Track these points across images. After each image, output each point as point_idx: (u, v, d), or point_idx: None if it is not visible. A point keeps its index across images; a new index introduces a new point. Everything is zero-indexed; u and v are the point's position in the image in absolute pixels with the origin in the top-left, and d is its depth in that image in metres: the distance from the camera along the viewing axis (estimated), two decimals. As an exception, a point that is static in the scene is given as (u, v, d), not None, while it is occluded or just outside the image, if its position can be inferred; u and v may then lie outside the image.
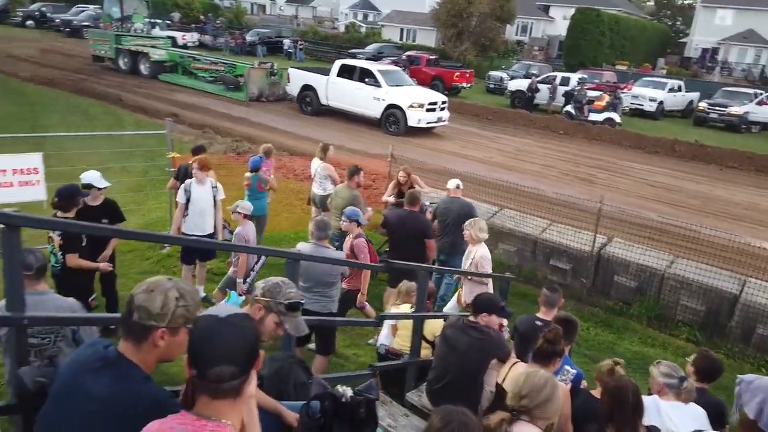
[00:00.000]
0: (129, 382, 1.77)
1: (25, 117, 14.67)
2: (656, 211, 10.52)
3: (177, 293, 1.82)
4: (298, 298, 2.57)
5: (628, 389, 2.93)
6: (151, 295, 1.79)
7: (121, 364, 1.79)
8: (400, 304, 5.30)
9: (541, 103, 25.59)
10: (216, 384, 1.55)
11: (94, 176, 5.60)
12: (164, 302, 1.79)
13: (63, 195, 4.93)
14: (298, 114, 19.45)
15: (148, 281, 1.84)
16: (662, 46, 49.01)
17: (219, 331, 1.60)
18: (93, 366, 1.80)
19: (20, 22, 39.56)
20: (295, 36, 42.37)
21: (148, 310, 1.78)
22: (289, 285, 2.59)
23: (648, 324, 7.68)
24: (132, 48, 23.75)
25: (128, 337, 1.82)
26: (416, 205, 6.74)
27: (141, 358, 1.82)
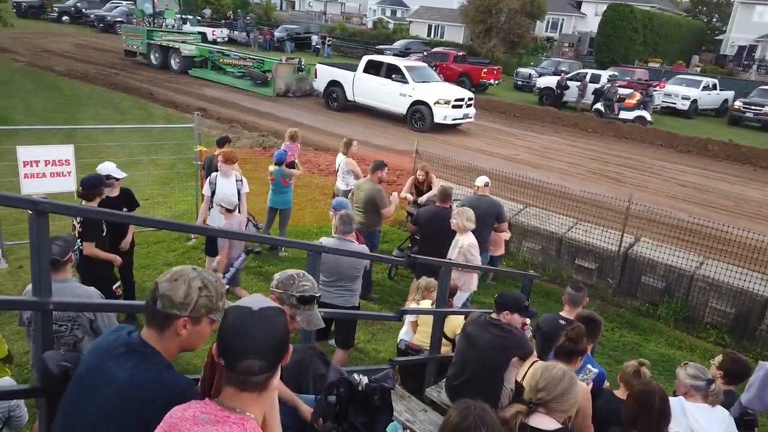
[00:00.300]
0: (151, 368, 1.78)
1: (60, 110, 15.04)
2: (687, 212, 10.27)
3: (200, 283, 1.83)
4: (312, 291, 2.47)
5: (655, 394, 2.86)
6: (175, 284, 1.80)
7: (144, 351, 1.81)
8: (420, 300, 5.29)
9: (570, 101, 25.23)
10: (244, 377, 1.56)
11: (110, 167, 5.73)
12: (187, 292, 1.80)
13: (86, 184, 5.05)
14: (324, 110, 19.53)
15: (172, 270, 1.86)
16: (697, 43, 47.83)
17: (250, 324, 1.59)
18: (116, 351, 1.82)
19: (56, 17, 40.58)
20: (323, 32, 42.54)
21: (171, 299, 1.79)
22: (305, 278, 2.50)
23: (675, 326, 7.52)
24: (163, 43, 24.15)
25: (151, 324, 1.84)
26: (448, 202, 6.75)
27: (163, 345, 1.84)
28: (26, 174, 6.79)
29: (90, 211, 2.52)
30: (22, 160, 6.73)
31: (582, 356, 3.61)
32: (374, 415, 2.46)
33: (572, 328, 3.58)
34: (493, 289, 8.09)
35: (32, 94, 16.64)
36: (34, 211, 2.08)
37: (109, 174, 5.62)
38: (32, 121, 13.36)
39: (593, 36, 41.10)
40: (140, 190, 9.43)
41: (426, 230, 6.73)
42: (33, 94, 16.66)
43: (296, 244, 4.71)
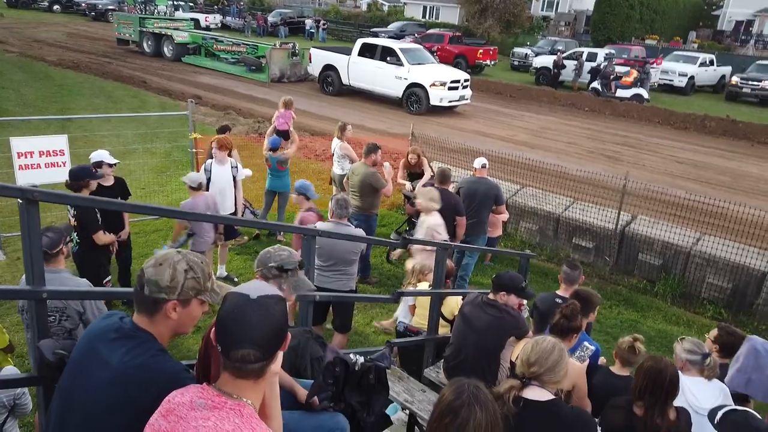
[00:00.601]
0: (144, 353, 1.79)
1: (53, 100, 14.96)
2: (684, 188, 10.27)
3: (186, 265, 1.84)
4: (290, 257, 2.52)
5: (667, 373, 2.88)
6: (160, 269, 1.81)
7: (137, 336, 1.82)
8: (415, 283, 5.30)
9: (566, 80, 25.10)
10: (240, 364, 1.55)
11: (103, 154, 5.70)
12: (173, 275, 1.81)
13: (73, 175, 5.01)
14: (320, 94, 19.42)
15: (156, 255, 1.86)
16: (694, 19, 47.35)
17: (248, 312, 1.57)
18: (109, 336, 1.83)
19: (47, 7, 40.19)
20: (317, 16, 42.15)
21: (158, 283, 1.80)
22: (281, 249, 2.55)
23: (672, 302, 7.57)
24: (155, 31, 23.93)
25: (141, 310, 1.85)
26: (447, 184, 6.72)
27: (155, 330, 1.84)
28: (21, 165, 6.78)
29: (82, 199, 2.53)
30: (16, 151, 6.71)
31: (577, 333, 3.63)
32: (370, 394, 2.48)
33: (566, 305, 3.59)
34: (491, 270, 8.12)
35: (24, 84, 16.53)
36: (23, 200, 2.08)
37: (101, 160, 5.60)
38: (25, 111, 13.30)
39: (589, 14, 40.71)
40: (136, 179, 9.43)
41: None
42: (25, 84, 16.55)
43: (291, 228, 4.72)
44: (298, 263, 2.54)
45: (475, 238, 7.03)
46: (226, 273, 6.92)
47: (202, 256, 1.98)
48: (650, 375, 2.92)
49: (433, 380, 4.32)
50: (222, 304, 1.65)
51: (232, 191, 6.74)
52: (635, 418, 2.91)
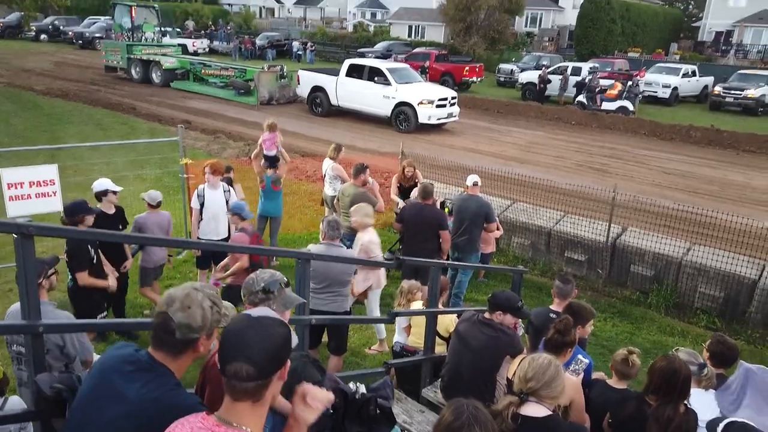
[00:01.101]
0: (161, 387, 1.81)
1: (42, 129, 14.94)
2: (672, 199, 10.39)
3: (209, 301, 1.90)
4: (273, 278, 2.59)
5: (681, 373, 2.96)
6: (191, 312, 1.85)
7: (154, 369, 1.84)
8: (404, 303, 5.29)
9: (552, 95, 25.39)
10: (234, 382, 1.55)
11: (106, 182, 5.71)
12: (203, 315, 1.87)
13: (68, 211, 4.99)
14: (309, 115, 19.53)
15: (175, 296, 1.87)
16: (675, 31, 48.31)
17: (245, 327, 1.60)
18: (125, 369, 1.84)
19: (34, 36, 40.20)
20: (304, 38, 42.53)
21: (190, 326, 1.85)
22: (261, 272, 2.62)
23: (666, 313, 7.61)
24: (143, 57, 24.03)
25: (165, 350, 1.87)
26: (429, 199, 6.75)
27: (177, 365, 1.89)
28: (11, 197, 6.73)
29: (75, 231, 2.52)
30: (5, 182, 6.67)
31: (571, 348, 3.65)
32: (371, 424, 2.46)
33: (560, 320, 3.61)
34: (485, 286, 8.15)
35: (13, 114, 16.51)
36: (19, 235, 2.09)
37: (106, 189, 5.62)
38: (14, 142, 13.27)
39: (572, 29, 41.39)
40: (128, 206, 9.33)
41: (410, 227, 6.77)
42: (14, 114, 16.53)
43: (284, 252, 4.72)
44: (282, 282, 2.61)
45: (467, 256, 7.07)
46: None
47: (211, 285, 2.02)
48: (664, 375, 2.98)
49: (432, 400, 4.31)
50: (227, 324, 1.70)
51: (225, 216, 6.74)
52: (648, 407, 2.99)
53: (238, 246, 5.05)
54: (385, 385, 2.74)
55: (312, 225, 9.62)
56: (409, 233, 6.81)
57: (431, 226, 6.61)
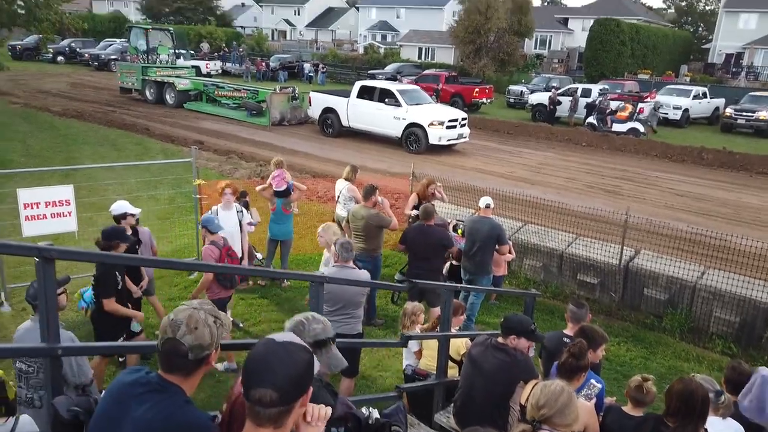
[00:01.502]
0: (172, 405, 1.85)
1: (58, 149, 15.16)
2: (685, 221, 10.32)
3: (212, 317, 1.93)
4: (325, 333, 2.35)
5: (698, 395, 2.93)
6: (198, 332, 1.88)
7: (166, 389, 1.88)
8: (408, 325, 5.25)
9: (562, 116, 25.46)
10: (258, 408, 1.56)
11: (125, 205, 5.80)
12: (211, 332, 1.91)
13: (104, 235, 5.04)
14: (320, 136, 19.69)
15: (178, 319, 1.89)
16: (685, 53, 48.46)
17: (270, 353, 1.61)
18: (137, 391, 1.88)
19: (51, 58, 41.01)
20: (315, 60, 43.07)
21: (201, 345, 1.88)
22: (314, 320, 2.37)
23: (681, 337, 7.50)
24: (158, 78, 24.42)
25: (177, 371, 1.90)
26: (431, 219, 6.81)
27: (188, 383, 1.93)
28: (27, 216, 6.82)
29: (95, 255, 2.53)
30: (22, 202, 6.77)
31: (585, 372, 3.61)
32: None
33: (574, 344, 3.58)
34: (497, 309, 8.10)
35: (29, 135, 16.78)
36: (41, 258, 2.12)
37: (125, 212, 5.72)
38: (30, 162, 13.47)
39: (582, 51, 41.63)
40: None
41: (414, 249, 6.81)
42: (30, 135, 16.80)
43: (298, 275, 4.73)
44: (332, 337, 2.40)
45: (479, 278, 7.06)
46: (232, 318, 6.90)
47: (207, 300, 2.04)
48: (681, 397, 2.94)
49: (444, 426, 4.27)
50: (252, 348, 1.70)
51: (239, 236, 6.78)
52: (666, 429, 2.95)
53: (252, 269, 5.07)
54: (398, 411, 2.73)
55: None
56: (413, 254, 6.85)
57: (434, 246, 6.68)
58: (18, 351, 2.94)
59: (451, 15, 47.95)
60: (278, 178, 7.89)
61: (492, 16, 33.57)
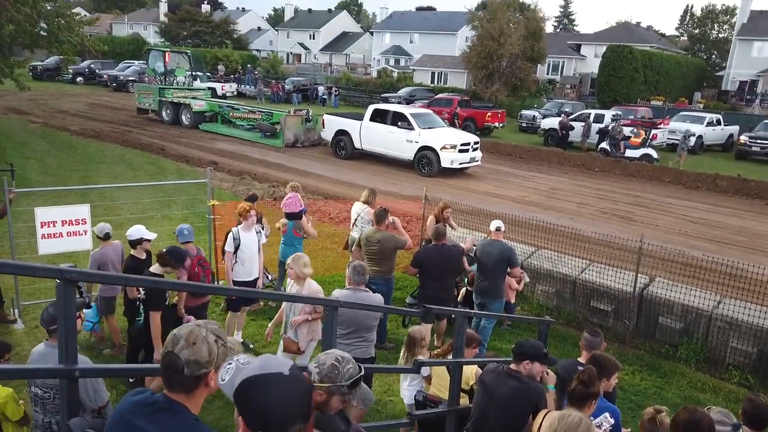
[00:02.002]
0: (182, 423, 1.86)
1: (75, 169, 15.38)
2: (699, 249, 10.22)
3: (213, 336, 1.92)
4: (357, 371, 2.35)
5: (703, 424, 2.87)
6: (196, 348, 1.87)
7: (172, 408, 1.89)
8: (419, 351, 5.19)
9: (575, 141, 25.47)
10: None
11: (140, 229, 5.92)
12: (209, 349, 1.89)
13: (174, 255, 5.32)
14: (333, 158, 19.83)
15: (179, 335, 1.91)
16: (698, 80, 48.48)
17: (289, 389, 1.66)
18: (144, 411, 1.89)
19: (71, 78, 41.89)
20: (329, 83, 43.60)
21: (198, 362, 1.87)
22: (345, 361, 2.37)
23: (697, 367, 7.37)
24: (174, 100, 24.82)
25: (177, 389, 1.90)
26: (442, 240, 6.86)
27: (192, 402, 1.92)
28: (43, 234, 6.90)
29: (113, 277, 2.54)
30: (39, 221, 6.85)
31: (595, 400, 3.56)
32: None
33: (583, 370, 3.54)
34: (509, 334, 8.02)
35: (47, 153, 17.06)
36: (62, 280, 2.14)
37: (141, 237, 5.87)
38: (48, 180, 13.67)
39: (594, 77, 41.80)
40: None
41: (429, 268, 6.81)
42: (48, 153, 17.08)
43: (313, 300, 4.71)
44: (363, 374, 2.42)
45: (491, 301, 7.02)
46: (242, 339, 6.89)
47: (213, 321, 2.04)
48: (687, 428, 2.88)
49: (456, 454, 4.20)
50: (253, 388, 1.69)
51: (257, 257, 6.84)
52: None
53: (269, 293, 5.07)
54: None
55: (333, 267, 9.64)
56: (428, 274, 6.86)
57: (450, 265, 6.77)
58: (36, 372, 2.95)
59: (464, 40, 48.48)
60: (292, 199, 7.93)
61: (505, 42, 33.86)
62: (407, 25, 64.42)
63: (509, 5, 36.15)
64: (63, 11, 20.16)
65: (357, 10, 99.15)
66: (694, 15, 69.56)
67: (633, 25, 58.71)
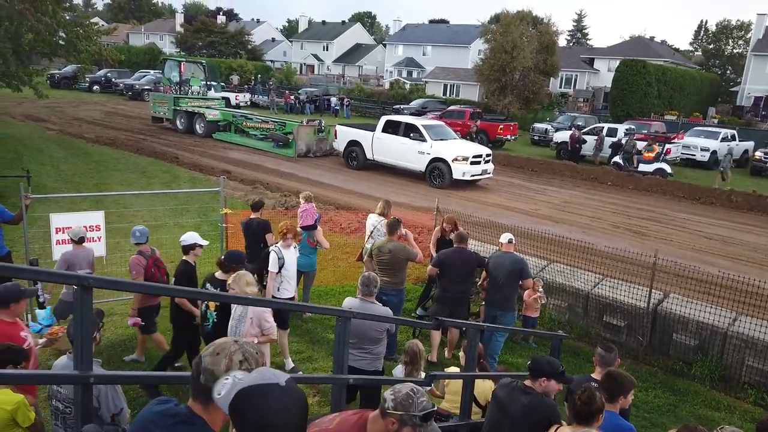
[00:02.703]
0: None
1: (90, 176, 15.54)
2: (714, 265, 10.10)
3: (241, 356, 1.86)
4: (430, 406, 2.38)
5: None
6: (217, 358, 1.85)
7: (194, 422, 1.87)
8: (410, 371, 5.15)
9: (587, 155, 25.36)
10: None
11: (195, 236, 6.04)
12: (228, 365, 1.83)
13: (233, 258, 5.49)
14: (344, 169, 19.89)
15: (215, 343, 1.90)
16: (713, 95, 48.19)
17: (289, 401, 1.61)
18: (165, 422, 1.87)
19: (87, 87, 42.45)
20: (341, 94, 43.84)
21: (213, 373, 1.83)
22: (419, 393, 2.40)
23: (711, 386, 7.26)
24: (188, 109, 25.05)
25: (196, 397, 1.89)
26: (465, 244, 6.98)
27: (210, 418, 1.89)
28: (58, 240, 6.97)
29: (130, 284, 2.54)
30: (54, 226, 6.93)
31: (601, 414, 3.50)
32: None
33: (582, 390, 3.51)
34: (520, 348, 7.96)
35: (63, 160, 17.26)
36: (79, 287, 2.15)
37: (195, 243, 5.95)
38: (63, 187, 13.81)
39: (607, 91, 41.68)
40: (166, 252, 9.59)
41: (449, 270, 6.87)
42: (64, 160, 17.28)
43: (324, 310, 4.71)
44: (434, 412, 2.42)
45: (504, 313, 6.97)
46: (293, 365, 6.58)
47: (257, 346, 2.00)
48: None
49: (467, 469, 4.16)
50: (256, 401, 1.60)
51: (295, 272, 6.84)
52: None
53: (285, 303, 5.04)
54: None
55: (344, 278, 9.63)
56: (447, 276, 6.91)
57: (470, 267, 6.95)
58: (51, 378, 2.96)
59: (476, 53, 48.57)
60: (306, 213, 7.98)
61: (518, 55, 33.89)
62: (420, 37, 64.75)
63: (522, 19, 36.23)
64: (82, 21, 20.47)
65: (370, 22, 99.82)
66: (709, 30, 69.32)
67: (647, 39, 58.60)
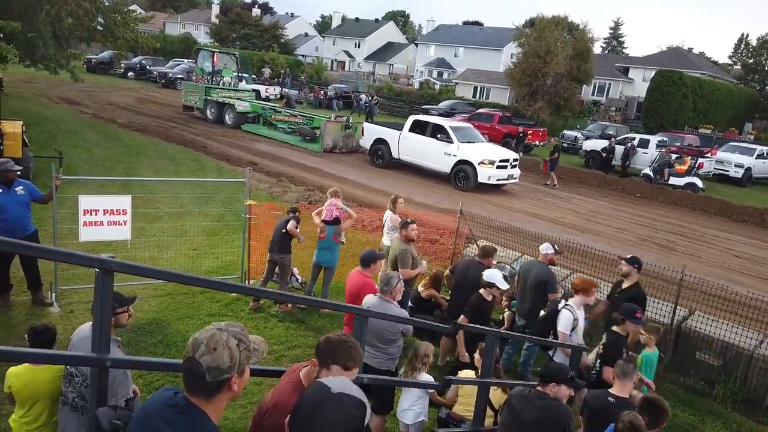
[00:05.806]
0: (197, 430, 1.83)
1: (120, 160, 15.80)
2: (743, 285, 9.84)
3: (235, 340, 1.88)
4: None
5: None
6: (216, 353, 1.84)
7: (193, 414, 1.86)
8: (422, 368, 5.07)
9: (617, 165, 24.95)
10: None
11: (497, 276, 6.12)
12: (231, 354, 1.86)
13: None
14: (369, 166, 19.89)
15: (200, 340, 1.88)
16: (750, 110, 47.01)
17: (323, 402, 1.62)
18: (165, 412, 1.87)
19: (122, 73, 43.27)
20: (371, 91, 43.87)
21: (219, 367, 1.84)
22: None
23: (733, 408, 7.06)
24: (219, 99, 25.33)
25: (198, 394, 1.88)
26: (488, 259, 6.81)
27: (213, 407, 1.89)
28: (85, 222, 7.08)
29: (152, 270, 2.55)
30: (82, 208, 7.03)
31: None
32: None
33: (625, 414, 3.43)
34: (539, 357, 7.83)
35: (95, 144, 17.58)
36: (101, 270, 2.16)
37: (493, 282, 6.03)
38: (93, 169, 14.07)
39: (641, 101, 40.97)
40: (189, 239, 9.72)
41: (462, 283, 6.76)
42: (95, 144, 17.60)
43: (344, 307, 4.69)
44: None
45: (531, 323, 6.91)
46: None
47: (239, 324, 2.00)
48: None
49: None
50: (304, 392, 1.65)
51: None
52: None
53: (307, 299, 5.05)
54: None
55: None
56: (461, 288, 6.80)
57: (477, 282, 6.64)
58: (68, 359, 2.98)
59: (509, 56, 48.16)
60: (330, 207, 7.98)
61: (551, 60, 33.48)
62: (453, 38, 64.48)
63: (558, 24, 35.77)
64: (120, 8, 20.87)
65: (404, 21, 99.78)
66: (749, 44, 67.54)
67: (684, 50, 57.41)
